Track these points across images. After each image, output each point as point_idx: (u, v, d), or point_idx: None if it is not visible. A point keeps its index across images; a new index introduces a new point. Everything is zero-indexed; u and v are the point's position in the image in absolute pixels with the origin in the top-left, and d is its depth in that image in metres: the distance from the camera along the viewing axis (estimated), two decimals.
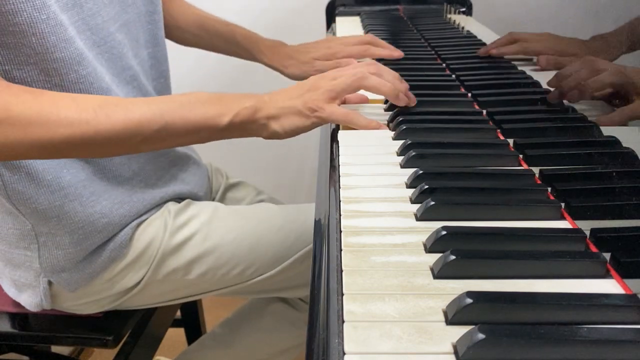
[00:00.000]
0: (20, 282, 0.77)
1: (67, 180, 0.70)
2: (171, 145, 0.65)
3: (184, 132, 0.62)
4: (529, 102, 0.71)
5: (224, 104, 0.62)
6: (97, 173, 0.73)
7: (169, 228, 0.79)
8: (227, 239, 0.81)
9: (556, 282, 0.39)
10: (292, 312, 0.95)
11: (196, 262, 0.80)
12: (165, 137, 0.61)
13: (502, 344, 0.32)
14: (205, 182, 0.94)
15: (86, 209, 0.72)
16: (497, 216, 0.46)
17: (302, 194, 1.70)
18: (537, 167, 0.53)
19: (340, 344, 0.33)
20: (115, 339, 0.79)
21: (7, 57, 0.62)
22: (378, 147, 0.60)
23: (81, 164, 0.72)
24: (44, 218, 0.70)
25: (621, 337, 0.32)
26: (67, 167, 0.70)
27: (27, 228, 0.71)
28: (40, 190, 0.68)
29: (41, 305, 0.77)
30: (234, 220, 0.83)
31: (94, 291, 0.78)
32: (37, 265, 0.73)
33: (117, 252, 0.76)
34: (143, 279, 0.79)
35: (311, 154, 1.65)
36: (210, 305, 1.30)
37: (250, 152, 1.65)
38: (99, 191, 0.73)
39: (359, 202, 0.49)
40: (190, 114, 0.61)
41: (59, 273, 0.74)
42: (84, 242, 0.73)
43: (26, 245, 0.73)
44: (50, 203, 0.69)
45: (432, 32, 1.10)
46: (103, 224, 0.74)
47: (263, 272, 0.82)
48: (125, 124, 0.58)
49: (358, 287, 0.38)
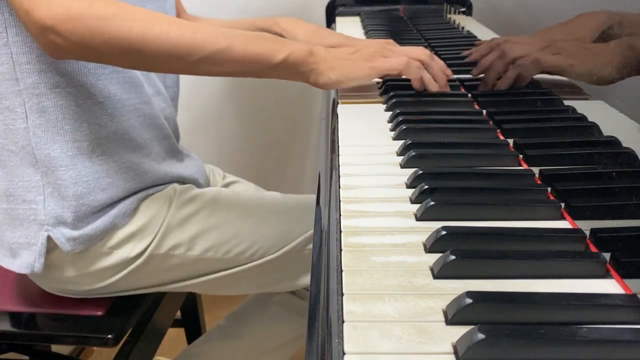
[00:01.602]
0: (17, 245, 0.76)
1: (85, 135, 0.73)
2: (227, 70, 0.69)
3: (242, 60, 0.67)
4: (529, 102, 0.71)
5: (283, 44, 0.69)
6: (115, 133, 0.76)
7: (175, 203, 0.81)
8: (231, 217, 0.83)
9: (556, 282, 0.39)
10: (298, 301, 0.96)
11: (200, 237, 0.81)
12: (223, 61, 0.66)
13: (502, 344, 0.32)
14: (203, 173, 0.96)
15: (94, 164, 0.74)
16: (497, 216, 0.46)
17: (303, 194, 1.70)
18: (537, 167, 0.53)
19: (340, 344, 0.33)
20: (115, 339, 0.79)
21: None
22: (378, 147, 0.60)
23: (102, 121, 0.74)
24: (54, 166, 0.72)
25: (621, 337, 0.32)
26: (87, 122, 0.73)
27: (36, 179, 0.73)
28: (57, 137, 0.72)
29: (33, 266, 0.75)
30: (238, 201, 0.86)
31: (94, 259, 0.78)
32: (42, 216, 0.74)
33: (120, 219, 0.78)
34: (146, 251, 0.79)
35: (311, 154, 1.65)
36: (210, 306, 1.30)
37: (250, 152, 1.65)
38: (110, 151, 0.76)
39: (359, 202, 0.49)
40: (250, 44, 0.67)
41: (60, 226, 0.74)
42: (87, 196, 0.74)
43: (32, 198, 0.74)
44: (64, 152, 0.72)
45: (432, 32, 1.10)
46: (107, 183, 0.76)
47: (264, 254, 0.83)
48: (192, 38, 0.64)
49: (358, 287, 0.38)
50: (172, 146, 0.87)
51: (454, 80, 0.80)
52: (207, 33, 0.65)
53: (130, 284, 0.82)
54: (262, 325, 0.97)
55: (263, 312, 0.97)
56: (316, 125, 1.60)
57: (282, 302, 0.96)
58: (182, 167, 0.88)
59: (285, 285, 0.89)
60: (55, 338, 0.82)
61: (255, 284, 0.88)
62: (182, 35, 0.64)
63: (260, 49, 0.67)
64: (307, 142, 1.64)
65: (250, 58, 0.67)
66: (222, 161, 1.14)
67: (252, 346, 0.98)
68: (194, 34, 0.65)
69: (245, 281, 0.87)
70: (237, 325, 0.99)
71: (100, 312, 0.82)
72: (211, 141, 1.59)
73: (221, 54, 0.66)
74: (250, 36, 0.68)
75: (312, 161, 1.65)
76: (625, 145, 0.56)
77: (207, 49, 0.65)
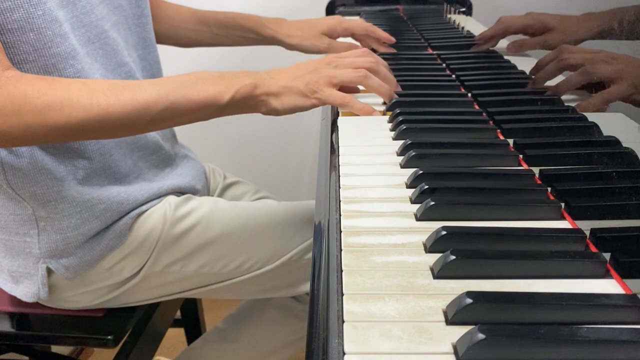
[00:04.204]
0: (18, 273, 0.77)
1: (64, 176, 0.72)
2: (177, 123, 0.67)
3: (188, 111, 0.65)
4: (529, 102, 0.71)
5: (225, 82, 0.66)
6: (96, 170, 0.74)
7: (170, 219, 0.80)
8: (227, 231, 0.82)
9: (556, 282, 0.39)
10: (296, 304, 0.95)
11: (196, 253, 0.80)
12: (171, 117, 0.64)
13: (502, 344, 0.32)
14: (202, 177, 0.95)
15: (83, 195, 0.73)
16: (497, 216, 0.46)
17: (302, 194, 1.70)
18: (537, 167, 0.53)
19: (340, 344, 0.33)
20: (115, 339, 0.79)
21: (7, 57, 0.63)
22: (378, 147, 0.60)
23: (80, 160, 0.73)
24: (42, 201, 0.71)
25: (621, 337, 0.32)
26: (64, 163, 0.72)
27: (27, 213, 0.72)
28: (40, 177, 0.70)
29: (38, 295, 0.77)
30: (234, 213, 0.84)
31: (92, 280, 0.78)
32: (37, 250, 0.74)
33: (116, 240, 0.77)
34: (142, 270, 0.79)
35: (311, 154, 1.65)
36: (210, 306, 1.30)
37: (250, 152, 1.65)
38: (95, 186, 0.75)
39: (359, 202, 0.49)
40: (193, 93, 0.64)
41: (58, 258, 0.74)
42: (82, 226, 0.74)
43: (26, 231, 0.74)
44: (49, 188, 0.71)
45: (432, 32, 1.10)
46: (100, 210, 0.75)
47: (262, 266, 0.83)
48: (133, 105, 0.62)
49: (358, 287, 0.38)
50: (164, 157, 0.86)
51: (453, 80, 0.80)
52: (147, 94, 0.62)
53: (127, 299, 0.83)
54: (259, 328, 0.97)
55: (261, 315, 0.97)
56: (316, 125, 1.60)
57: (280, 305, 0.96)
58: (177, 175, 0.87)
59: (285, 292, 0.89)
60: (55, 338, 0.82)
61: (254, 291, 0.88)
62: (122, 107, 0.61)
63: (205, 94, 0.64)
64: (307, 142, 1.64)
65: (196, 107, 0.65)
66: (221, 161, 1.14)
67: (249, 349, 0.97)
68: (134, 100, 0.62)
69: (243, 289, 0.86)
70: (234, 328, 0.99)
71: (100, 313, 0.82)
72: (211, 141, 1.59)
73: (165, 112, 0.63)
74: (190, 83, 0.65)
75: (311, 161, 1.65)
76: (625, 145, 0.56)
77: (150, 111, 0.63)
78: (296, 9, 1.43)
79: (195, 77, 0.66)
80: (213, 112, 0.66)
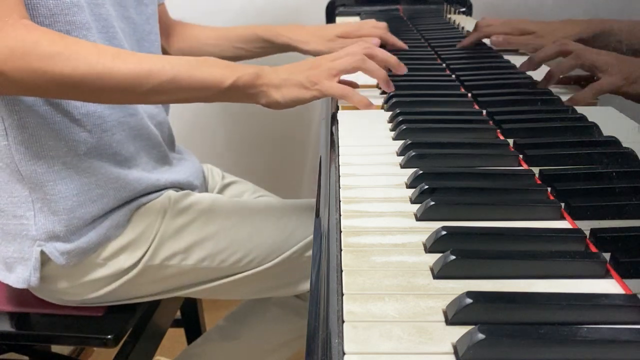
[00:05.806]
0: (12, 259, 0.76)
1: (65, 152, 0.73)
2: (177, 98, 0.69)
3: (189, 88, 0.67)
4: (529, 102, 0.71)
5: (229, 68, 0.69)
6: (97, 147, 0.75)
7: (169, 212, 0.81)
8: (227, 225, 0.82)
9: (556, 282, 0.39)
10: (297, 301, 0.96)
11: (195, 247, 0.81)
12: (172, 90, 0.67)
13: (502, 344, 0.32)
14: (200, 175, 0.96)
15: (81, 177, 0.74)
16: (497, 216, 0.46)
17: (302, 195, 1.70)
18: (537, 167, 0.53)
19: (340, 344, 0.33)
20: (115, 339, 0.79)
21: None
22: (378, 147, 0.60)
23: (80, 137, 0.73)
24: (40, 181, 0.72)
25: (621, 337, 0.32)
26: (65, 139, 0.72)
27: (24, 194, 0.73)
28: (42, 153, 0.71)
29: (29, 281, 0.75)
30: (234, 209, 0.85)
31: (87, 269, 0.78)
32: (33, 232, 0.74)
33: (114, 230, 0.78)
34: (140, 262, 0.79)
35: (311, 154, 1.65)
36: (210, 306, 1.30)
37: (250, 152, 1.65)
38: (94, 165, 0.75)
39: (359, 202, 0.49)
40: (197, 72, 0.67)
41: (53, 241, 0.74)
42: (78, 209, 0.74)
43: (22, 213, 0.74)
44: (49, 167, 0.72)
45: (432, 32, 1.10)
46: (97, 195, 0.75)
47: (261, 262, 0.83)
48: (137, 70, 0.64)
49: (358, 287, 0.38)
50: (163, 154, 0.86)
51: (453, 80, 0.80)
52: (152, 63, 0.65)
53: (125, 294, 0.82)
54: (261, 325, 0.97)
55: (263, 312, 0.97)
56: (316, 125, 1.60)
57: (281, 303, 0.96)
58: (175, 172, 0.87)
59: (285, 291, 0.89)
60: (55, 338, 0.82)
61: (254, 290, 0.88)
62: (126, 70, 0.64)
63: (208, 75, 0.67)
64: (307, 142, 1.64)
65: (198, 85, 0.67)
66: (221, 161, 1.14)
67: (251, 346, 0.98)
68: (138, 66, 0.64)
69: (243, 288, 0.86)
70: (236, 326, 0.99)
71: (99, 313, 0.82)
72: (210, 141, 1.59)
73: (168, 83, 0.66)
74: (196, 63, 0.68)
75: (311, 161, 1.65)
76: (625, 145, 0.56)
77: (152, 80, 0.65)
78: (296, 9, 1.43)
79: (203, 59, 0.69)
80: (214, 95, 0.68)
